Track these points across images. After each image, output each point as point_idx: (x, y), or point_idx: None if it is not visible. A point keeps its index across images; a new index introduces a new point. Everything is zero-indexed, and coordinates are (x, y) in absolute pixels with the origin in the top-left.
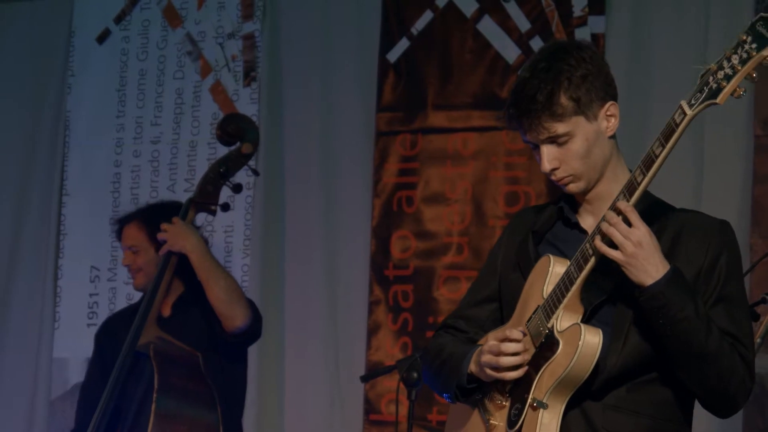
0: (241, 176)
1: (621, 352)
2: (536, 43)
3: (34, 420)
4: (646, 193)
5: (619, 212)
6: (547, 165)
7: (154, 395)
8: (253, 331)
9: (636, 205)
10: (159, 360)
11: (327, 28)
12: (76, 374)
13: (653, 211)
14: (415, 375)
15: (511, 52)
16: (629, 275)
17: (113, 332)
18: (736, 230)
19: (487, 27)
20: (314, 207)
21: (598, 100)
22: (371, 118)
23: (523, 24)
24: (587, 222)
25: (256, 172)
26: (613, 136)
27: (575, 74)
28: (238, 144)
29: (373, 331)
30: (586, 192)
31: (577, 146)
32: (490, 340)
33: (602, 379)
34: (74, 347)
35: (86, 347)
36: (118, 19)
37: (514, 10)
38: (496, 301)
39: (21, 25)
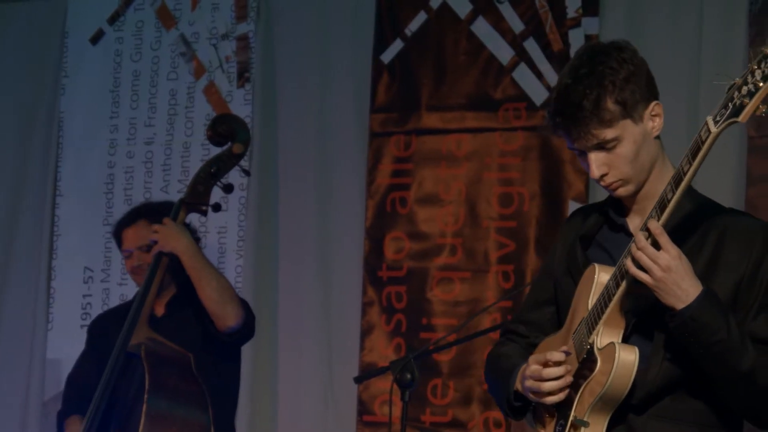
0: (234, 177)
1: (661, 366)
2: (530, 45)
3: (28, 421)
4: (693, 193)
5: (649, 233)
6: (596, 171)
7: (145, 396)
8: (246, 330)
9: (682, 207)
10: (150, 361)
11: (321, 29)
12: None
13: (700, 212)
14: (409, 376)
15: (505, 54)
16: (659, 298)
17: (105, 329)
18: None
19: (481, 28)
20: (308, 208)
21: (642, 101)
22: (365, 119)
23: (517, 25)
24: (635, 222)
25: (247, 173)
26: (658, 136)
27: (618, 77)
28: (229, 144)
29: (366, 332)
30: (635, 194)
31: (626, 150)
32: (531, 365)
33: (644, 392)
34: (68, 348)
35: (80, 348)
36: (112, 20)
37: (508, 12)
38: (554, 304)
39: (15, 26)
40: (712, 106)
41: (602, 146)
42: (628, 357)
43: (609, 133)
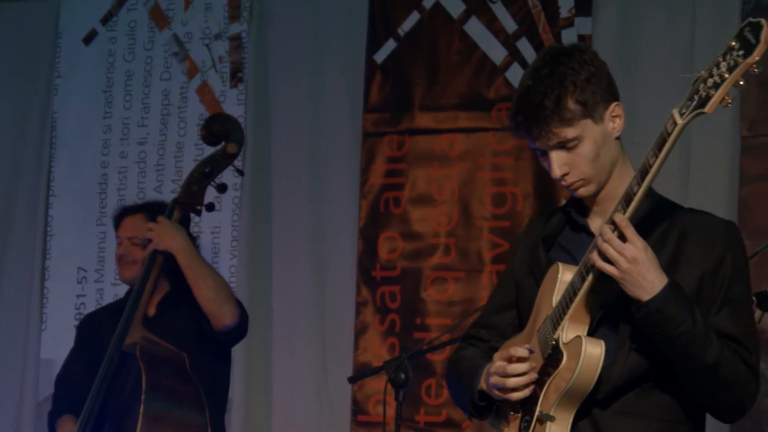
0: (228, 177)
1: (627, 360)
2: (523, 45)
3: (22, 421)
4: (652, 193)
5: (615, 226)
6: (557, 171)
7: (143, 396)
8: (241, 329)
9: (641, 205)
10: (146, 360)
11: (314, 29)
12: None
13: (659, 211)
14: (403, 376)
15: (497, 54)
16: (626, 290)
17: (96, 328)
18: None
19: (474, 28)
20: (301, 208)
21: (603, 102)
22: (358, 119)
23: (510, 25)
24: (596, 223)
25: (241, 172)
26: (618, 137)
27: (579, 77)
28: (223, 144)
29: (360, 331)
30: (595, 194)
31: (587, 149)
32: (496, 361)
33: (610, 387)
34: (61, 348)
35: None
36: (105, 20)
37: (500, 12)
38: (515, 308)
39: (8, 26)
40: None
41: (563, 145)
42: (594, 350)
43: (570, 132)
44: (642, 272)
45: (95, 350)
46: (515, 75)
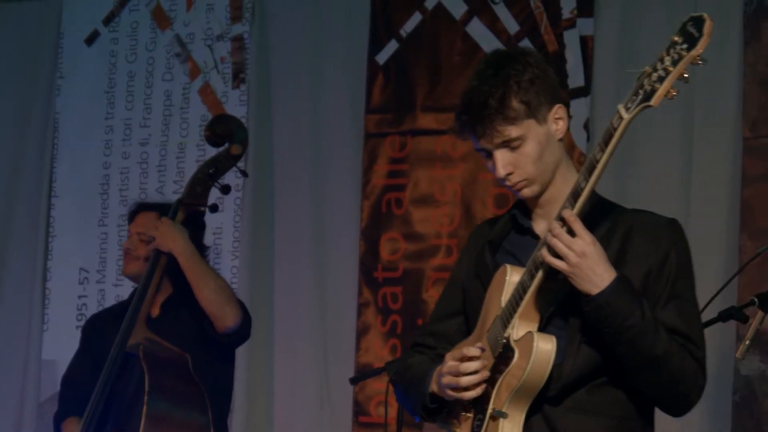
0: (230, 178)
1: (577, 356)
2: (525, 46)
3: (23, 422)
4: (593, 194)
5: (564, 221)
6: (501, 170)
7: (145, 397)
8: (244, 331)
9: (583, 207)
10: (149, 361)
11: (316, 30)
12: None
13: (601, 211)
14: None
15: None
16: (575, 285)
17: (100, 329)
18: (725, 232)
19: (476, 29)
20: (303, 209)
21: (546, 103)
22: (360, 120)
23: (512, 26)
24: (540, 227)
25: (244, 174)
26: (561, 140)
27: (523, 78)
28: (227, 145)
29: (362, 333)
30: (538, 196)
31: (530, 149)
32: (449, 361)
33: (561, 383)
34: (63, 349)
35: (75, 349)
36: (107, 21)
37: (502, 12)
38: (462, 314)
39: (10, 27)
40: (706, 107)
41: (507, 144)
42: (546, 345)
43: (514, 131)
44: (591, 266)
45: (99, 352)
46: None
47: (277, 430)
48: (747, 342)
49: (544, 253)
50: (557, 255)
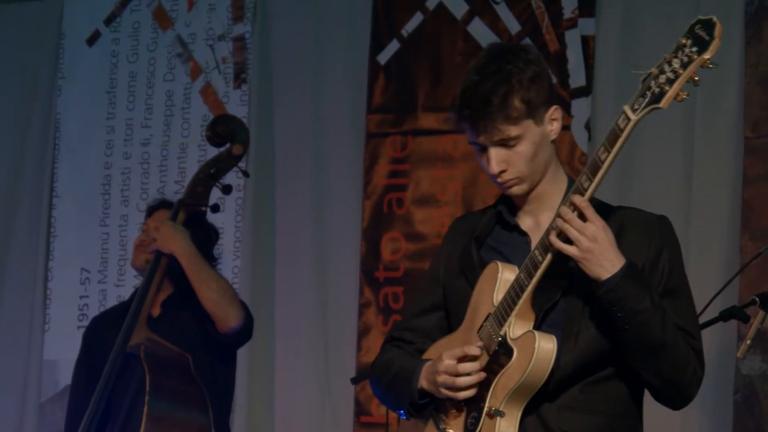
0: (231, 178)
1: (573, 350)
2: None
3: (24, 422)
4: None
5: (573, 207)
6: (495, 167)
7: (146, 398)
8: (246, 332)
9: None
10: (150, 362)
11: (317, 30)
12: (66, 377)
13: (595, 207)
14: None
15: None
16: (586, 270)
17: (101, 331)
18: (726, 232)
19: (478, 29)
20: (304, 209)
21: (544, 104)
22: (361, 120)
23: (513, 26)
24: (526, 223)
25: (246, 174)
26: (554, 141)
27: (525, 76)
28: (228, 145)
29: (363, 333)
30: (526, 194)
31: (526, 149)
32: (446, 360)
33: (556, 379)
34: (64, 349)
35: (76, 349)
36: (108, 21)
37: (504, 12)
38: (442, 310)
39: (11, 27)
40: (708, 107)
41: (504, 142)
42: (547, 345)
43: (513, 131)
44: (603, 251)
45: (100, 354)
46: None
47: (278, 430)
48: (748, 342)
49: (553, 238)
50: (566, 240)
